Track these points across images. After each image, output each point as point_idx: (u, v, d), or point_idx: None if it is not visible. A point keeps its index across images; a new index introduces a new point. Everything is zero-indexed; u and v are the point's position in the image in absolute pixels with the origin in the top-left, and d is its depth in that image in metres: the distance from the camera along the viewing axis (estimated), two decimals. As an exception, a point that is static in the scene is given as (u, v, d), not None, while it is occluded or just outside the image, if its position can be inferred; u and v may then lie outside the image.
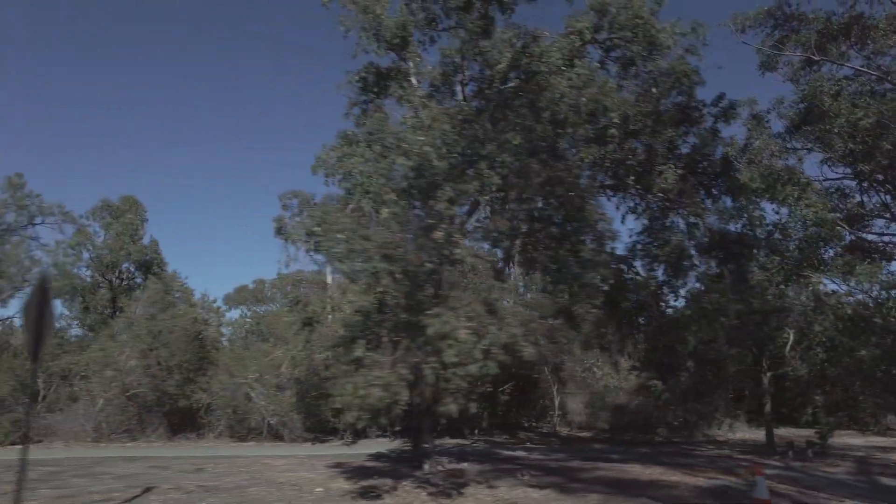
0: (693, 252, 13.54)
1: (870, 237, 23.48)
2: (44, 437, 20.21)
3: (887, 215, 21.80)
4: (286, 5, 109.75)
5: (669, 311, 14.50)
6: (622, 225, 16.59)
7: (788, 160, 23.17)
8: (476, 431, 24.51)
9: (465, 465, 15.35)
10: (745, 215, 14.66)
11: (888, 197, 21.83)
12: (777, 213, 19.04)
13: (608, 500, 10.82)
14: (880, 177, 21.03)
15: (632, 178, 15.09)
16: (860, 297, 18.19)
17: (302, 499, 11.02)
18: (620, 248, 14.34)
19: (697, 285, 14.23)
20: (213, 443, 21.36)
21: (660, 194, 15.08)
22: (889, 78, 19.86)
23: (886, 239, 22.36)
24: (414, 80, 16.96)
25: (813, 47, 21.53)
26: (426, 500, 10.80)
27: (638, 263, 15.25)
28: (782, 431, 22.41)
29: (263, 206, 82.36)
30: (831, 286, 19.61)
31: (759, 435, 24.51)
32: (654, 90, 13.42)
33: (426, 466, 14.07)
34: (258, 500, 10.81)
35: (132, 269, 40.50)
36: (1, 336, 24.13)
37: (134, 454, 17.47)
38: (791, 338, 17.21)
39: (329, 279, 27.40)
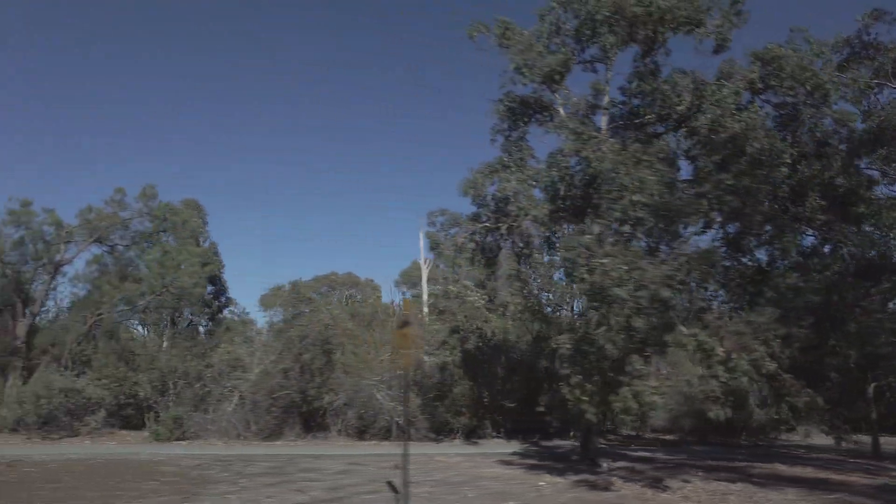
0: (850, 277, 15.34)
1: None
2: (194, 435, 21.57)
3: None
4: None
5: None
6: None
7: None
8: (573, 434, 26.04)
9: (624, 463, 16.95)
10: (888, 239, 16.37)
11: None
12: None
13: (809, 494, 12.44)
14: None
15: (776, 206, 16.82)
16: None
17: (537, 490, 12.61)
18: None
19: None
20: (343, 441, 22.80)
21: (803, 223, 16.82)
22: None
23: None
24: (562, 111, 18.65)
25: (889, 74, 23.38)
26: (654, 493, 12.39)
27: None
28: (864, 437, 24.09)
29: (259, 206, 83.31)
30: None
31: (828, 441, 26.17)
32: (818, 134, 15.15)
33: (604, 465, 15.70)
34: (505, 492, 12.33)
35: (191, 270, 41.74)
36: (147, 342, 25.36)
37: (310, 452, 18.99)
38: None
39: (424, 296, 28.98)
